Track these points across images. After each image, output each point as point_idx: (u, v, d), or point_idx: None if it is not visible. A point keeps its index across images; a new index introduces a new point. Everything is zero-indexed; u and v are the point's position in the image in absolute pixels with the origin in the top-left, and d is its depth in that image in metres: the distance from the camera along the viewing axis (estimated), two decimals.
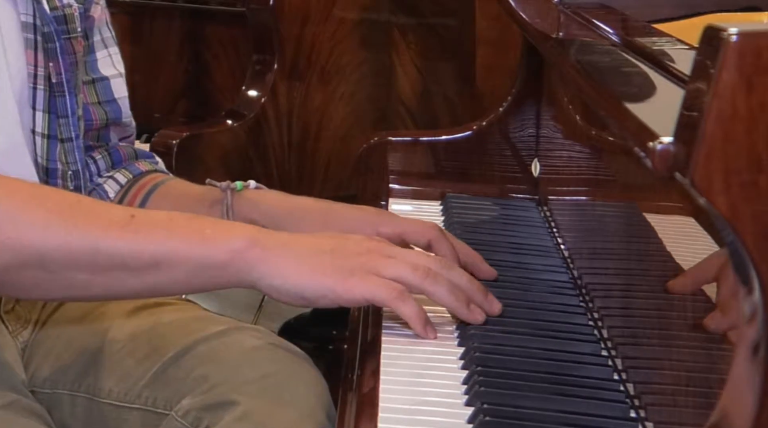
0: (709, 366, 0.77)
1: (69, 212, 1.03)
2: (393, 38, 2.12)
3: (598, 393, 0.95)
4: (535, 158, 1.57)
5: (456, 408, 0.93)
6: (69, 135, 1.26)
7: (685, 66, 0.74)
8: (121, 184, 1.37)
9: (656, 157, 0.67)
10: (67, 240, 1.01)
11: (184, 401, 1.15)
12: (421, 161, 1.62)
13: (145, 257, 1.02)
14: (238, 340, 1.19)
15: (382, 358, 1.01)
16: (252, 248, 1.03)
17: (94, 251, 1.01)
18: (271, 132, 2.02)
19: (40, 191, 1.06)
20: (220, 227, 1.06)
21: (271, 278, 1.03)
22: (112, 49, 1.42)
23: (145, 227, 1.03)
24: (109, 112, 1.39)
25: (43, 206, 1.03)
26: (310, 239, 1.07)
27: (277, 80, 2.01)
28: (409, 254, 1.09)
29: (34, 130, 1.24)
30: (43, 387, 1.25)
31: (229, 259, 1.02)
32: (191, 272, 1.03)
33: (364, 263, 1.04)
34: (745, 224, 0.62)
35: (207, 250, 1.03)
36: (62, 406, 1.24)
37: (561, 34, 1.37)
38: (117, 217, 1.04)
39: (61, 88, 1.25)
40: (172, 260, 1.02)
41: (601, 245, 1.22)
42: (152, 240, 1.03)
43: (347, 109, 2.09)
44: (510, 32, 1.95)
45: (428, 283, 1.05)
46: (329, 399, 1.14)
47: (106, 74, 1.40)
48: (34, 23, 1.24)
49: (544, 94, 1.56)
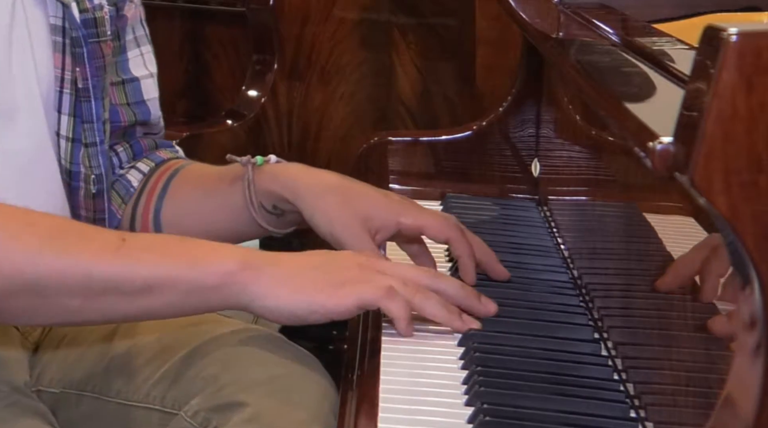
0: (709, 366, 0.77)
1: (61, 238, 1.03)
2: (393, 38, 2.12)
3: (598, 393, 0.95)
4: (535, 158, 1.57)
5: (456, 408, 0.93)
6: (93, 140, 1.26)
7: (685, 66, 0.74)
8: (143, 173, 1.36)
9: (656, 157, 0.67)
10: (60, 266, 1.01)
11: (193, 401, 1.15)
12: (421, 161, 1.62)
13: (137, 282, 1.02)
14: (248, 341, 1.19)
15: (382, 358, 1.01)
16: (243, 270, 1.04)
17: (87, 276, 1.02)
18: (271, 132, 2.02)
19: (31, 218, 1.05)
20: (211, 249, 1.06)
21: (263, 299, 1.04)
22: (144, 47, 1.41)
23: (137, 251, 1.04)
24: (137, 113, 1.39)
25: (36, 232, 1.03)
26: (300, 258, 1.08)
27: (277, 80, 2.02)
28: (398, 268, 1.09)
29: (58, 132, 1.24)
30: (50, 387, 1.25)
31: (219, 282, 1.03)
32: (183, 296, 1.04)
33: (353, 277, 1.05)
34: (745, 224, 0.62)
35: (198, 273, 1.03)
36: (68, 405, 1.24)
37: (561, 34, 1.37)
38: (108, 241, 1.04)
39: (86, 93, 1.24)
40: (164, 284, 1.03)
41: (601, 245, 1.22)
42: (144, 265, 1.03)
43: (347, 109, 2.08)
44: (510, 32, 1.95)
45: (418, 299, 1.05)
46: (338, 401, 1.14)
47: (136, 75, 1.39)
48: (63, 26, 1.23)
49: (544, 94, 1.56)
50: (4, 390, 1.18)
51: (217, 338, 1.20)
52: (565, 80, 1.37)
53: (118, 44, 1.35)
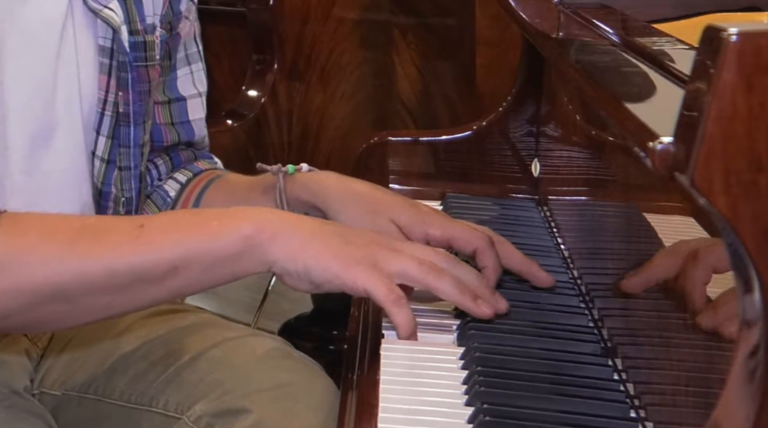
0: (709, 366, 0.77)
1: (79, 240, 1.02)
2: (393, 38, 2.12)
3: (598, 393, 0.95)
4: (535, 158, 1.57)
5: (456, 408, 0.93)
6: (128, 164, 1.25)
7: (685, 66, 0.74)
8: (181, 183, 1.36)
9: (656, 157, 0.67)
10: (82, 269, 1.01)
11: (197, 406, 1.15)
12: (421, 161, 1.62)
13: (161, 265, 1.01)
14: (253, 347, 1.19)
15: (382, 358, 1.01)
16: (261, 232, 1.02)
17: (110, 273, 1.01)
18: (271, 132, 2.02)
19: (47, 224, 1.05)
20: (227, 216, 1.05)
21: (284, 261, 1.02)
22: (195, 65, 1.39)
23: (155, 235, 1.03)
24: (181, 133, 1.38)
25: (54, 239, 1.02)
26: (319, 223, 1.07)
27: (277, 80, 2.02)
28: (415, 248, 1.08)
29: (94, 152, 1.23)
30: (53, 389, 1.25)
31: (241, 248, 1.02)
32: (208, 268, 1.02)
33: (370, 254, 1.03)
34: (745, 224, 0.62)
35: (219, 243, 1.02)
36: (69, 408, 1.24)
37: (561, 34, 1.37)
38: (125, 232, 1.03)
39: (126, 118, 1.23)
40: (187, 261, 1.02)
41: (601, 245, 1.22)
42: (164, 247, 1.02)
43: (347, 109, 2.09)
44: (510, 32, 1.95)
45: (432, 278, 1.04)
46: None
47: (183, 95, 1.38)
48: (111, 48, 1.22)
49: (544, 94, 1.56)
50: (3, 392, 1.18)
51: (221, 343, 1.20)
52: (565, 80, 1.37)
53: (168, 64, 1.34)
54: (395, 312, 1.02)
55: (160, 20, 1.28)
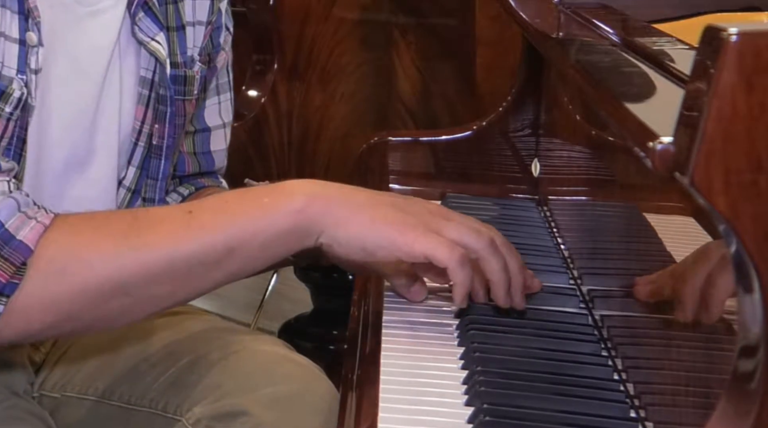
0: (709, 366, 0.77)
1: (133, 232, 1.02)
2: (393, 38, 2.12)
3: (598, 393, 0.95)
4: (535, 158, 1.57)
5: (456, 408, 0.93)
6: (152, 196, 1.25)
7: (685, 66, 0.74)
8: (183, 196, 1.36)
9: (656, 157, 0.67)
10: (142, 261, 1.01)
11: (196, 408, 1.14)
12: (421, 161, 1.62)
13: (218, 248, 1.02)
14: (254, 350, 1.19)
15: (382, 358, 1.01)
16: (313, 204, 1.02)
17: (170, 261, 1.01)
18: (271, 132, 2.02)
19: (99, 221, 1.05)
20: (276, 191, 1.06)
21: (334, 230, 1.02)
22: (223, 95, 1.40)
23: (207, 219, 1.03)
24: (202, 163, 1.38)
25: (109, 236, 1.02)
26: (371, 194, 1.07)
27: (277, 80, 2.01)
28: (472, 220, 1.08)
29: (121, 181, 1.23)
30: (53, 391, 1.25)
31: (294, 222, 1.02)
32: (265, 245, 1.02)
33: (426, 221, 1.03)
34: (745, 224, 0.62)
35: (272, 219, 1.02)
36: (68, 409, 1.24)
37: (561, 34, 1.37)
38: (177, 220, 1.03)
39: (159, 151, 1.23)
40: (244, 240, 1.02)
41: (601, 245, 1.22)
42: (218, 229, 1.02)
43: (347, 109, 2.08)
44: (510, 32, 1.95)
45: (488, 251, 1.04)
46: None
47: (209, 125, 1.38)
48: (152, 80, 1.22)
49: (544, 94, 1.56)
50: (3, 393, 1.18)
51: (222, 346, 1.20)
52: (565, 80, 1.37)
53: (203, 97, 1.34)
54: (459, 272, 1.02)
55: (200, 53, 1.28)
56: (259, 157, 2.00)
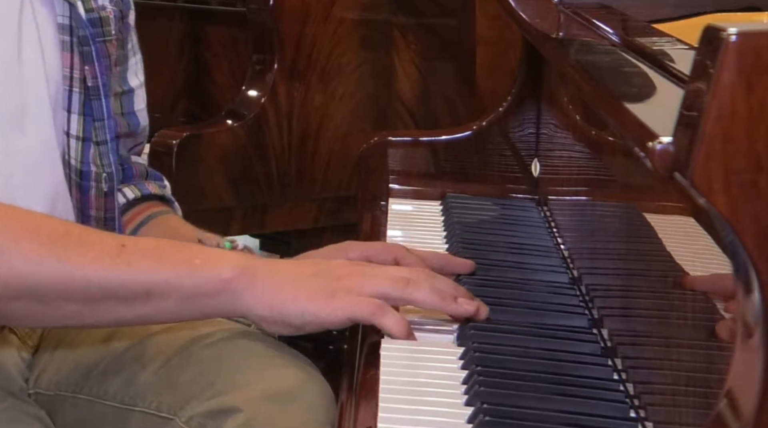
0: (709, 366, 0.77)
1: (62, 244, 1.04)
2: (393, 38, 2.12)
3: (598, 393, 0.95)
4: (535, 158, 1.57)
5: (456, 408, 0.92)
6: (104, 138, 1.26)
7: (685, 66, 0.74)
8: (128, 198, 1.37)
9: (656, 157, 0.67)
10: (61, 273, 1.03)
11: (188, 406, 1.14)
12: (421, 161, 1.62)
13: (136, 288, 1.04)
14: (246, 347, 1.19)
15: (382, 358, 1.01)
16: (240, 278, 1.05)
17: (86, 283, 1.03)
18: (271, 132, 2.01)
19: (32, 222, 1.06)
20: (209, 256, 1.08)
21: (258, 309, 1.05)
22: (137, 56, 1.43)
23: (137, 257, 1.05)
24: (130, 124, 1.40)
25: (37, 239, 1.04)
26: (295, 266, 1.10)
27: (277, 80, 2.01)
28: (388, 269, 1.11)
29: (68, 132, 1.24)
30: (47, 390, 1.25)
31: (217, 289, 1.05)
32: (181, 302, 1.05)
33: (345, 285, 1.06)
34: (745, 224, 0.62)
35: (196, 280, 1.05)
36: (64, 408, 1.24)
37: (561, 34, 1.37)
38: (108, 247, 1.05)
39: (96, 91, 1.25)
40: (163, 290, 1.04)
41: (601, 245, 1.22)
42: (143, 271, 1.04)
43: (347, 109, 2.08)
44: (510, 32, 1.95)
45: (409, 291, 1.07)
46: (335, 408, 1.14)
47: (132, 86, 1.40)
48: (70, 25, 1.24)
49: (544, 94, 1.56)
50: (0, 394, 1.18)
51: (214, 343, 1.20)
52: (565, 80, 1.37)
53: (122, 53, 1.36)
54: (382, 320, 1.04)
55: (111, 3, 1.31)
56: (259, 157, 2.00)
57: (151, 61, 2.31)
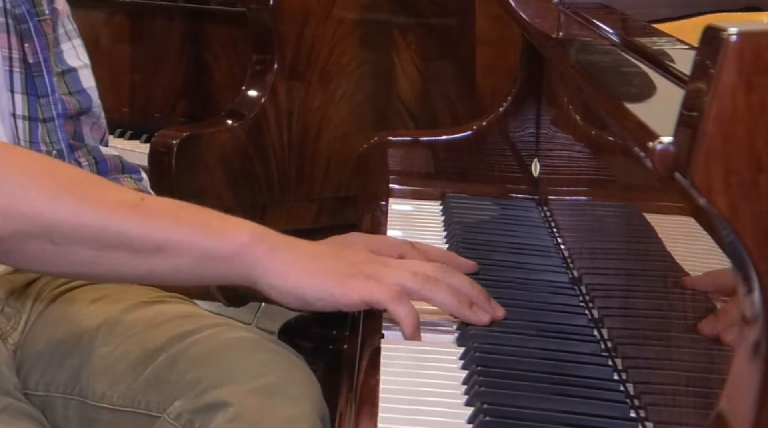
0: (709, 366, 0.77)
1: (80, 188, 1.04)
2: (393, 38, 2.12)
3: (598, 393, 0.95)
4: (535, 158, 1.57)
5: (456, 408, 0.92)
6: (50, 115, 1.27)
7: (685, 66, 0.74)
8: None
9: (656, 157, 0.67)
10: (77, 214, 1.02)
11: (177, 403, 1.14)
12: (421, 161, 1.62)
13: (151, 241, 1.02)
14: (231, 341, 1.19)
15: (382, 358, 1.01)
16: (257, 244, 1.03)
17: (101, 228, 1.02)
18: (271, 132, 2.01)
19: (52, 165, 1.07)
20: (228, 220, 1.07)
21: (272, 277, 1.03)
22: (75, 41, 1.43)
23: (154, 211, 1.04)
24: (81, 100, 1.41)
25: (55, 179, 1.03)
26: (315, 244, 1.08)
27: (277, 80, 2.01)
28: (408, 262, 1.10)
29: (14, 113, 1.25)
30: (36, 390, 1.25)
31: (233, 252, 1.03)
32: (195, 262, 1.03)
33: (365, 270, 1.05)
34: (745, 224, 0.62)
35: (213, 241, 1.03)
36: (55, 409, 1.24)
37: (561, 34, 1.37)
38: (127, 198, 1.05)
39: (38, 68, 1.26)
40: (177, 247, 1.03)
41: (601, 245, 1.22)
42: (160, 225, 1.03)
43: (347, 109, 2.08)
44: (510, 32, 1.95)
45: (427, 288, 1.05)
46: (322, 399, 1.14)
47: (73, 65, 1.41)
48: (4, 7, 1.25)
49: (544, 94, 1.56)
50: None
51: (199, 340, 1.20)
52: (565, 80, 1.37)
53: (54, 35, 1.38)
54: (398, 308, 1.03)
55: None
56: (259, 157, 2.00)
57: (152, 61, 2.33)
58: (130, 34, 2.34)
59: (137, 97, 2.35)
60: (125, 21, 2.34)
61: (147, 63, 2.33)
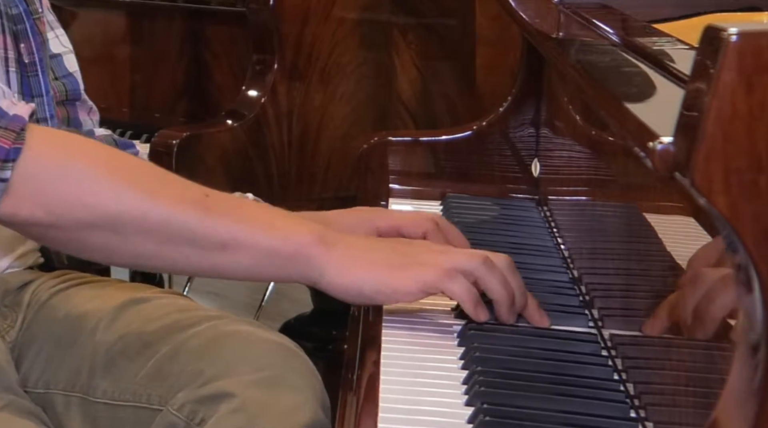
0: (709, 366, 0.77)
1: (146, 181, 1.05)
2: (393, 38, 2.12)
3: (598, 393, 0.95)
4: (535, 158, 1.57)
5: (456, 408, 0.92)
6: (44, 115, 1.28)
7: (685, 66, 0.74)
8: None
9: (656, 157, 0.67)
10: (142, 207, 1.02)
11: (180, 395, 1.15)
12: (421, 161, 1.62)
13: (213, 237, 1.03)
14: (231, 333, 1.19)
15: (382, 358, 1.01)
16: (317, 244, 1.05)
17: (166, 221, 1.03)
18: (271, 132, 2.02)
19: (118, 156, 1.07)
20: (290, 220, 1.08)
21: (332, 276, 1.05)
22: (58, 30, 1.44)
23: (218, 208, 1.05)
24: (66, 84, 1.42)
25: (121, 169, 1.04)
26: (369, 239, 1.11)
27: (277, 80, 2.01)
28: (464, 249, 1.12)
29: None
30: (36, 387, 1.25)
31: (294, 252, 1.04)
32: (256, 260, 1.05)
33: (420, 259, 1.06)
34: (745, 224, 0.62)
35: (274, 240, 1.04)
36: (56, 406, 1.24)
37: (561, 34, 1.37)
38: (191, 193, 1.06)
39: (34, 67, 1.27)
40: (239, 244, 1.04)
41: (601, 245, 1.22)
42: (223, 222, 1.04)
43: (347, 109, 2.08)
44: (510, 32, 1.95)
45: (482, 270, 1.06)
46: (323, 389, 1.15)
47: (57, 52, 1.42)
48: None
49: (544, 94, 1.56)
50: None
51: (198, 333, 1.20)
52: (565, 80, 1.37)
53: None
54: (450, 285, 1.04)
55: None
56: (259, 157, 2.00)
57: (152, 61, 2.33)
58: (130, 34, 2.34)
59: (137, 97, 2.35)
60: (125, 21, 2.34)
61: (147, 63, 2.33)
